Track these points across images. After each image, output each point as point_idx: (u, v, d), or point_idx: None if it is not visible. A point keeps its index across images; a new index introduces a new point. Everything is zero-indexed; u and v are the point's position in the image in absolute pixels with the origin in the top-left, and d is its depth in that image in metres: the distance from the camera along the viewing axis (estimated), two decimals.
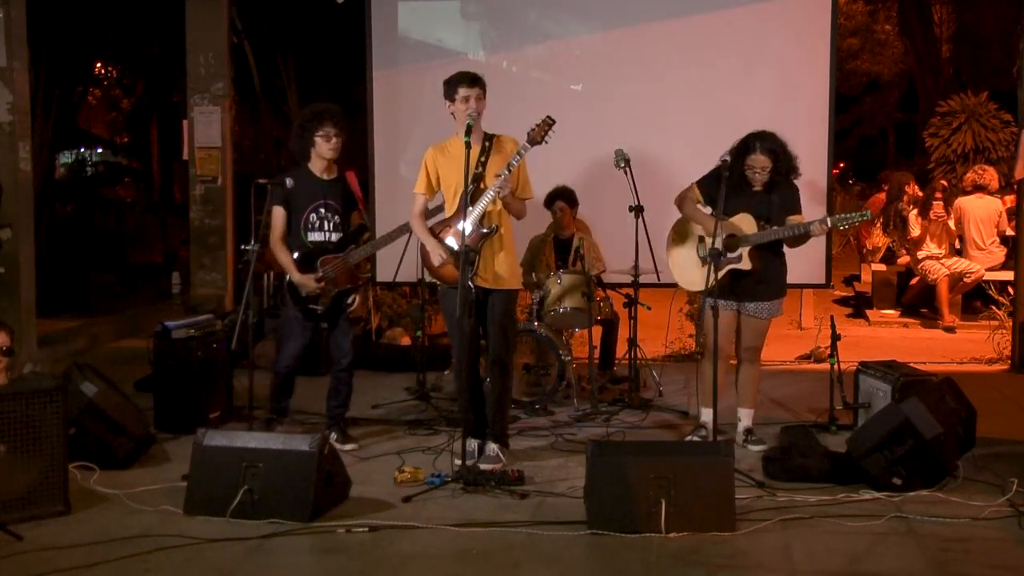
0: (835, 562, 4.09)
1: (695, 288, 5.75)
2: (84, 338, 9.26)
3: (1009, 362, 8.13)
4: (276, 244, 5.78)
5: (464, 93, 5.26)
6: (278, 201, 5.73)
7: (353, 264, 5.80)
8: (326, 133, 5.70)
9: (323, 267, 5.71)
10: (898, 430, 4.81)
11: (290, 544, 4.32)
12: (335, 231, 5.79)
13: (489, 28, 8.16)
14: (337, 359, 5.89)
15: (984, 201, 10.23)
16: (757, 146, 5.50)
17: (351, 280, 5.82)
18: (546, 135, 5.28)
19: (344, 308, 5.84)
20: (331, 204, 5.77)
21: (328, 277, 5.72)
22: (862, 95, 23.86)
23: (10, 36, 7.29)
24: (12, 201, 7.31)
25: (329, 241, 5.77)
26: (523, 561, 4.12)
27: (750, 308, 5.64)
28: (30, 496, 4.54)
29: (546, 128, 5.25)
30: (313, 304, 5.73)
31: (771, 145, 5.50)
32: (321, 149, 5.74)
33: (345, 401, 5.95)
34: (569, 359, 6.68)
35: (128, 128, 21.32)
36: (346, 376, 5.90)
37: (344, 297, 5.82)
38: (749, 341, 5.71)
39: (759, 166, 5.49)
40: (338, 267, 5.75)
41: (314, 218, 5.74)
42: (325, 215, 5.76)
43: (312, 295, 5.72)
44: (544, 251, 7.22)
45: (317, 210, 5.74)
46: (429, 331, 8.12)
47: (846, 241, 15.04)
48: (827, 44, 7.64)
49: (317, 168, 5.79)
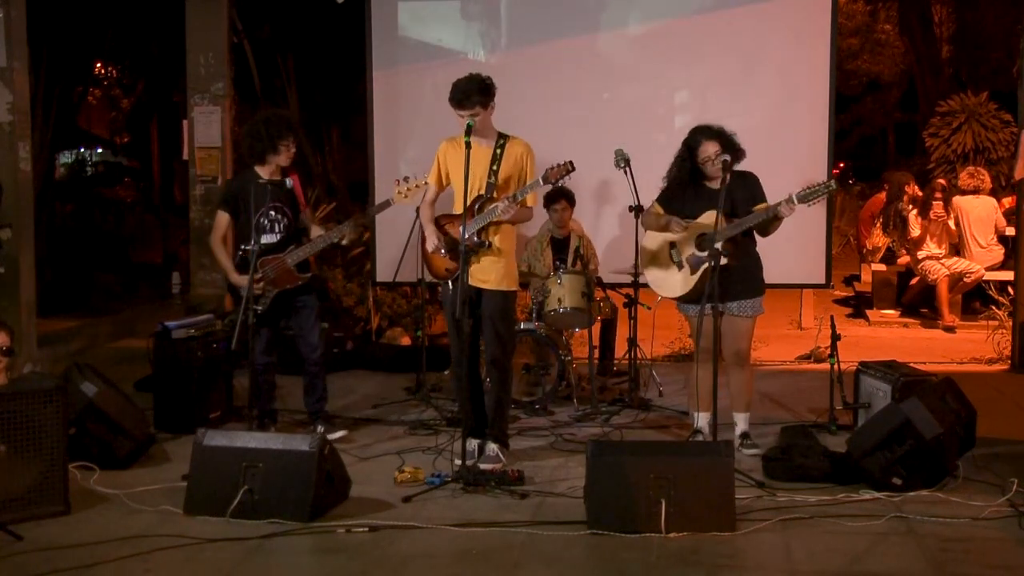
0: (835, 562, 4.09)
1: (675, 294, 5.63)
2: (84, 338, 9.26)
3: (1009, 362, 8.13)
4: (215, 245, 5.98)
5: (458, 113, 5.28)
6: (223, 204, 5.94)
7: (292, 264, 5.86)
8: (288, 143, 5.90)
9: (262, 268, 5.78)
10: (898, 430, 4.81)
11: (290, 544, 4.32)
12: (285, 233, 5.91)
13: (489, 28, 8.16)
14: (307, 355, 6.00)
15: (980, 200, 10.24)
16: (701, 138, 5.49)
17: (290, 280, 5.89)
18: (561, 179, 5.34)
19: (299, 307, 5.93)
20: (279, 207, 5.88)
21: (267, 277, 5.80)
22: (862, 95, 23.85)
23: (10, 36, 7.29)
24: (12, 201, 7.31)
25: (278, 243, 5.88)
26: (523, 561, 4.12)
27: (733, 308, 5.55)
28: (30, 496, 4.54)
29: (564, 173, 5.28)
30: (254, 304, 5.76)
31: (712, 131, 5.49)
32: (281, 157, 5.91)
33: (323, 395, 6.06)
34: (569, 359, 6.68)
35: (128, 128, 21.33)
36: (318, 370, 6.02)
37: (291, 297, 5.90)
38: (735, 343, 5.61)
39: (712, 153, 5.43)
40: (277, 267, 5.83)
41: (265, 221, 5.83)
42: (275, 217, 5.88)
43: None
44: (543, 251, 7.22)
45: (268, 213, 5.84)
46: (429, 331, 8.12)
47: (846, 241, 15.06)
48: (827, 44, 7.64)
49: (266, 172, 5.91)
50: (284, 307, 5.96)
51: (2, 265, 7.29)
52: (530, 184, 5.31)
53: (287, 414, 6.40)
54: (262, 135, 5.87)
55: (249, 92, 12.35)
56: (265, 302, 5.81)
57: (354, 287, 8.95)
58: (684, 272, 5.56)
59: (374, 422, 6.39)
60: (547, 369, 6.66)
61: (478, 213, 5.30)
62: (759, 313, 5.68)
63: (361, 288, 8.91)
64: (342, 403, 6.83)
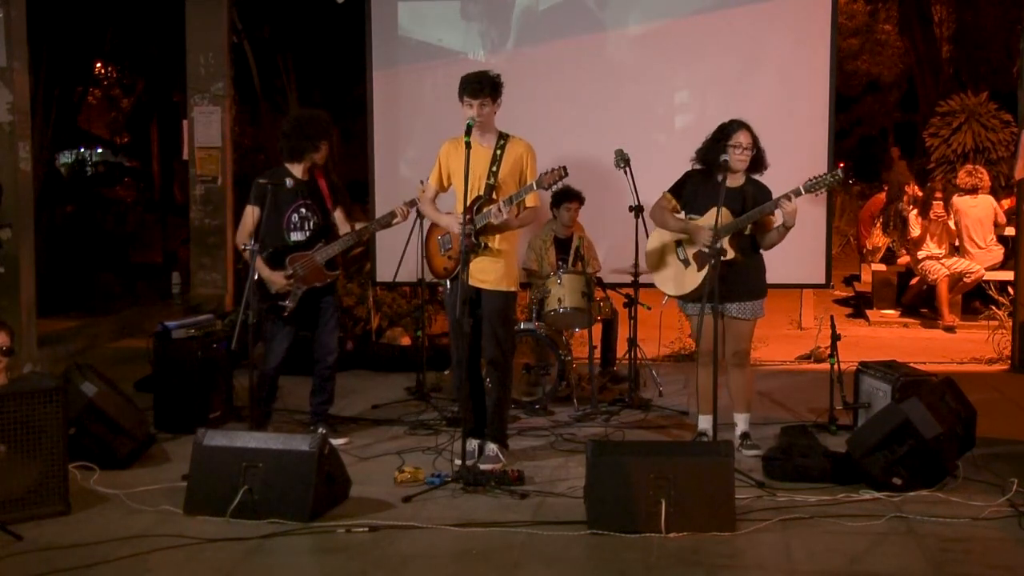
0: (835, 562, 4.09)
1: (681, 292, 5.63)
2: (84, 338, 9.25)
3: (1009, 362, 8.13)
4: (243, 241, 5.89)
5: (467, 101, 5.29)
6: (255, 200, 5.86)
7: (322, 262, 5.86)
8: (327, 143, 6.00)
9: (292, 264, 5.77)
10: (898, 430, 4.81)
11: (290, 544, 4.32)
12: (315, 231, 5.90)
13: (489, 28, 8.15)
14: (322, 357, 5.97)
15: (979, 200, 10.24)
16: (737, 126, 5.50)
17: (319, 278, 5.87)
18: (554, 184, 5.34)
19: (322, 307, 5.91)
20: (311, 204, 5.88)
21: (297, 275, 5.79)
22: (862, 95, 23.83)
23: (10, 36, 7.29)
24: (12, 201, 7.31)
25: (308, 240, 5.87)
26: (523, 561, 4.12)
27: (732, 310, 5.55)
28: (30, 496, 4.54)
29: (557, 178, 5.28)
30: (281, 302, 5.77)
31: (751, 129, 5.51)
32: (320, 155, 5.94)
33: (330, 398, 6.04)
34: (569, 359, 6.68)
35: (128, 128, 21.32)
36: (330, 373, 6.00)
37: (318, 297, 5.89)
38: (735, 345, 5.60)
39: (745, 143, 5.45)
40: (307, 265, 5.82)
41: (296, 218, 5.84)
42: (306, 215, 5.87)
43: (281, 292, 5.77)
44: (547, 249, 7.22)
45: (299, 210, 5.84)
46: (429, 331, 8.12)
47: (846, 241, 15.06)
48: (827, 44, 7.64)
49: (299, 171, 5.90)
50: (309, 307, 5.89)
51: (2, 265, 7.29)
52: (524, 189, 5.31)
53: (287, 414, 6.39)
54: (306, 133, 5.87)
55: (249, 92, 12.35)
56: (295, 299, 5.78)
57: (354, 287, 8.95)
58: (691, 269, 5.56)
59: (374, 422, 6.39)
60: (547, 369, 6.66)
61: (476, 215, 5.30)
62: (759, 316, 5.67)
63: (361, 288, 8.90)
64: (342, 403, 6.80)
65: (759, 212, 5.41)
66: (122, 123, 21.30)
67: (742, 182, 5.52)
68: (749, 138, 5.47)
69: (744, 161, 5.45)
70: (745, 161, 5.45)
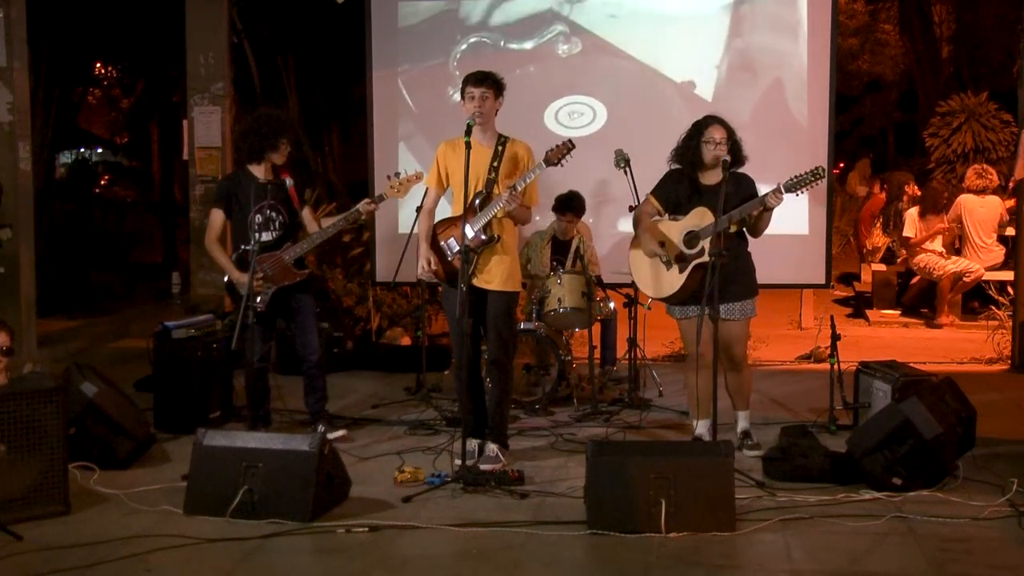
0: (835, 562, 4.09)
1: (664, 294, 5.57)
2: (84, 338, 9.26)
3: (1009, 362, 8.13)
4: (211, 244, 5.99)
5: (469, 91, 5.28)
6: (217, 203, 5.95)
7: (290, 261, 5.88)
8: (286, 141, 5.96)
9: (260, 265, 5.78)
10: (898, 430, 4.81)
11: (290, 544, 4.32)
12: (281, 231, 5.92)
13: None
14: (306, 356, 6.00)
15: (986, 200, 10.23)
16: (712, 121, 5.49)
17: (288, 277, 5.89)
18: (563, 159, 5.28)
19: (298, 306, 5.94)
20: (274, 205, 5.90)
21: (265, 274, 5.81)
22: (862, 95, 23.82)
23: (10, 36, 7.30)
24: (12, 201, 7.32)
25: (275, 240, 5.90)
26: (523, 561, 4.12)
27: (722, 311, 5.36)
28: (30, 496, 4.54)
29: (564, 151, 5.24)
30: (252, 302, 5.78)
31: (724, 122, 5.48)
32: (279, 155, 5.96)
33: (323, 395, 6.06)
34: (569, 359, 6.68)
35: (128, 128, 21.30)
36: (317, 372, 6.02)
37: (291, 295, 5.90)
38: (728, 348, 5.50)
39: (716, 137, 5.41)
40: (275, 264, 5.84)
41: (260, 219, 5.85)
42: (270, 216, 5.89)
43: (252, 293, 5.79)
44: (542, 248, 7.22)
45: (263, 211, 5.85)
46: (429, 331, 8.11)
47: (846, 241, 15.04)
48: (827, 44, 7.64)
49: (260, 171, 5.93)
50: (282, 306, 5.95)
51: (2, 265, 7.29)
52: (532, 170, 5.26)
53: (287, 414, 6.39)
54: (263, 133, 5.89)
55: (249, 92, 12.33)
56: (264, 299, 5.81)
57: (354, 287, 8.95)
58: (673, 271, 5.49)
59: (374, 422, 6.39)
60: (547, 369, 6.66)
61: (480, 210, 5.29)
62: (750, 316, 5.62)
63: (361, 288, 8.90)
64: (342, 403, 6.83)
65: (740, 213, 5.38)
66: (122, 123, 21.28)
67: (720, 178, 5.40)
68: (723, 132, 5.44)
69: (717, 157, 5.39)
70: (718, 157, 5.39)
